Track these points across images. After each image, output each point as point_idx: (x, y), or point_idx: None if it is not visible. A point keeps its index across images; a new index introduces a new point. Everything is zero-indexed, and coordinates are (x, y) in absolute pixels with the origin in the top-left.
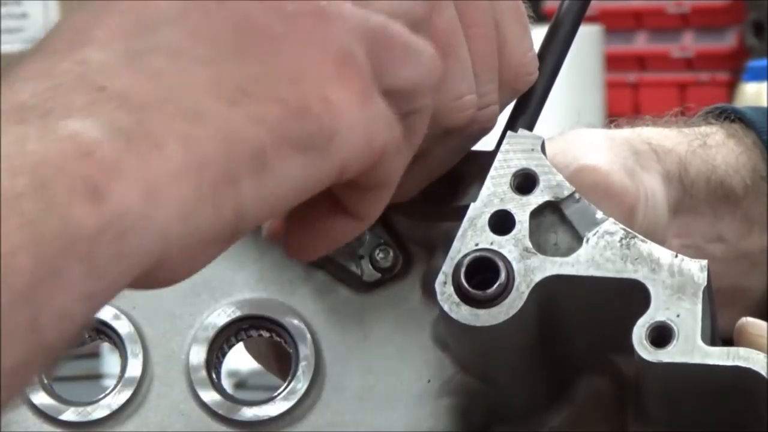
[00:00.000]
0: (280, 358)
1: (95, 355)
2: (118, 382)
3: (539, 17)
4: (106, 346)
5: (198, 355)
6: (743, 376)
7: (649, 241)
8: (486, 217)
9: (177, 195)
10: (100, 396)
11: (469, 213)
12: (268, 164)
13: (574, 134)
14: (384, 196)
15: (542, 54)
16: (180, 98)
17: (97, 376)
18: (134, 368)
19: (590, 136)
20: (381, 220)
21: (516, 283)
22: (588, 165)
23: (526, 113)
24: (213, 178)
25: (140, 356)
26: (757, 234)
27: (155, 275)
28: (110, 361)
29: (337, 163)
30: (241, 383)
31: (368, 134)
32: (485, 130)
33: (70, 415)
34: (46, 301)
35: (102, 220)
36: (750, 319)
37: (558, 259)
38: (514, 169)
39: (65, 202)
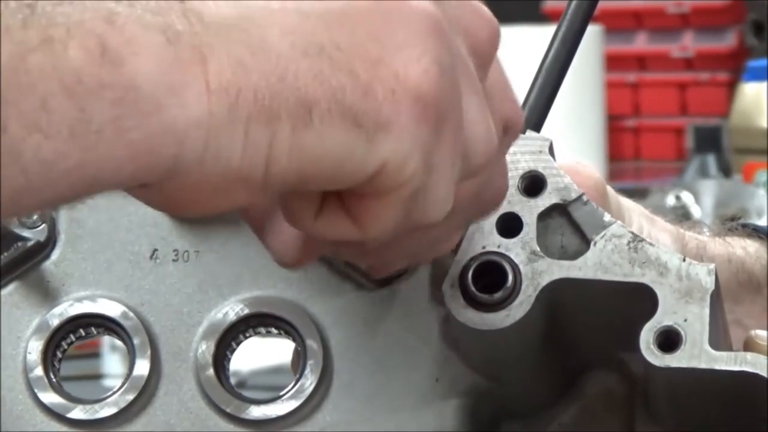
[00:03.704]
0: None
1: (95, 355)
2: (125, 380)
3: (539, 17)
4: (106, 347)
5: (206, 352)
6: (749, 380)
7: (656, 245)
8: (493, 219)
9: (203, 106)
10: (108, 394)
11: None
12: (313, 122)
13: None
14: (395, 214)
15: (549, 55)
16: (254, 32)
17: (98, 376)
18: (142, 366)
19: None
20: None
21: (523, 287)
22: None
23: (533, 114)
24: (251, 109)
25: (148, 354)
26: None
27: (166, 188)
28: (110, 361)
29: (379, 156)
30: (241, 383)
31: (416, 148)
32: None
33: (77, 413)
34: (18, 113)
35: (102, 76)
36: (759, 331)
37: (565, 262)
38: (521, 171)
39: (63, 43)
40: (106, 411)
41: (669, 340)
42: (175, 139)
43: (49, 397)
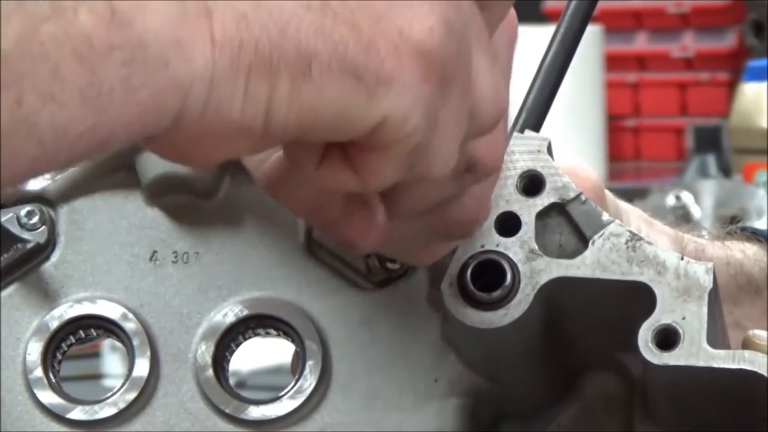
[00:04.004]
0: None
1: (95, 355)
2: (125, 381)
3: (539, 17)
4: (106, 347)
5: (205, 353)
6: (748, 378)
7: (654, 244)
8: (492, 218)
9: (207, 59)
10: (108, 395)
11: None
12: (313, 74)
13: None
14: (396, 166)
15: (548, 55)
16: None
17: (97, 376)
18: (141, 367)
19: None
20: None
21: (521, 285)
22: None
23: (532, 114)
24: (252, 61)
25: (147, 355)
26: None
27: (170, 139)
28: (110, 361)
29: (380, 111)
30: (241, 383)
31: (418, 104)
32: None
33: (77, 413)
34: (32, 84)
35: (111, 37)
36: (757, 330)
37: (564, 261)
38: (520, 171)
39: (74, 9)
40: (105, 412)
41: (667, 339)
42: (180, 92)
43: (49, 398)
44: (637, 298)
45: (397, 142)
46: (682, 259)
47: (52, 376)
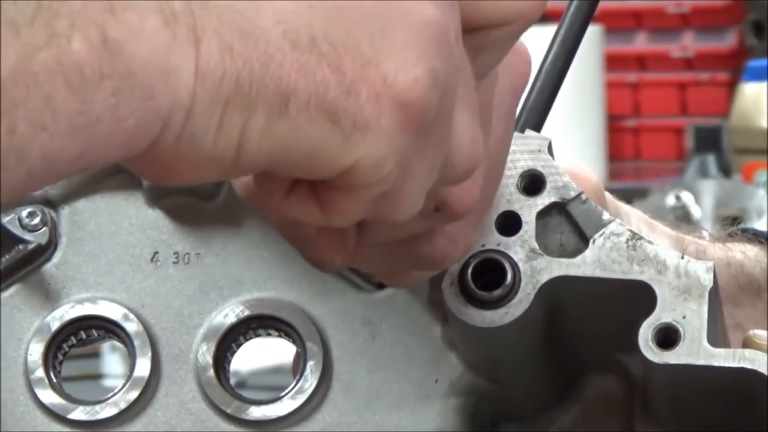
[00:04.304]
0: None
1: (95, 355)
2: (126, 381)
3: (539, 17)
4: (106, 347)
5: (206, 354)
6: (748, 377)
7: (655, 243)
8: (493, 217)
9: (189, 89)
10: (109, 395)
11: None
12: (289, 113)
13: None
14: (362, 208)
15: (549, 55)
16: (249, 15)
17: (97, 376)
18: (143, 367)
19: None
20: None
21: (522, 284)
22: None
23: (533, 114)
24: (231, 93)
25: (149, 355)
26: None
27: (144, 160)
28: (110, 361)
29: (353, 155)
30: (241, 383)
31: (393, 153)
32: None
33: (78, 414)
34: (25, 113)
35: (103, 67)
36: (757, 330)
37: (564, 260)
38: (520, 170)
39: (67, 36)
40: (106, 412)
41: (668, 337)
42: (162, 120)
43: (50, 398)
44: (638, 298)
45: (367, 186)
46: (682, 258)
47: (53, 377)
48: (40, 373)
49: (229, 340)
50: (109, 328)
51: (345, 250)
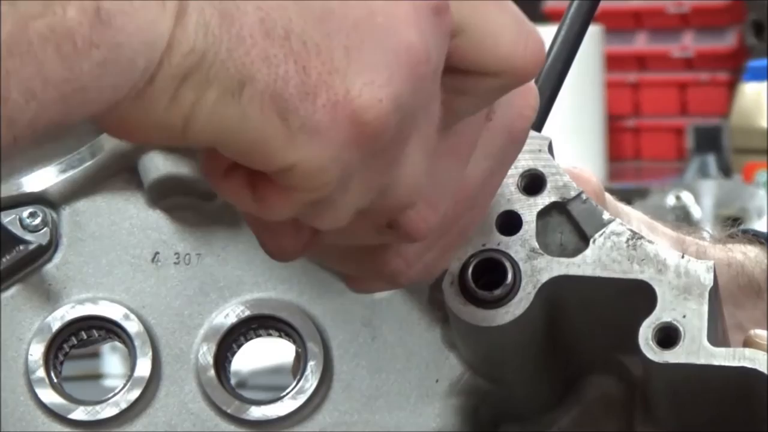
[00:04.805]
0: None
1: (95, 355)
2: (127, 382)
3: (539, 17)
4: (106, 347)
5: (207, 354)
6: (748, 376)
7: (655, 242)
8: (493, 217)
9: (158, 57)
10: (109, 395)
11: None
12: (243, 98)
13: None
14: (291, 208)
15: (550, 56)
16: None
17: (97, 376)
18: (143, 367)
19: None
20: None
21: (522, 284)
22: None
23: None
24: (192, 69)
25: (149, 355)
26: None
27: (107, 117)
28: (110, 361)
29: (293, 156)
30: (241, 383)
31: (336, 165)
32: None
33: (79, 414)
34: (18, 82)
35: (93, 36)
36: (758, 330)
37: (565, 259)
38: (521, 170)
39: (63, 6)
40: (107, 412)
41: (668, 337)
42: (134, 87)
43: (51, 398)
44: (638, 298)
45: (302, 189)
46: (682, 257)
47: (54, 377)
48: (40, 373)
49: (230, 341)
50: (109, 328)
51: (297, 242)
